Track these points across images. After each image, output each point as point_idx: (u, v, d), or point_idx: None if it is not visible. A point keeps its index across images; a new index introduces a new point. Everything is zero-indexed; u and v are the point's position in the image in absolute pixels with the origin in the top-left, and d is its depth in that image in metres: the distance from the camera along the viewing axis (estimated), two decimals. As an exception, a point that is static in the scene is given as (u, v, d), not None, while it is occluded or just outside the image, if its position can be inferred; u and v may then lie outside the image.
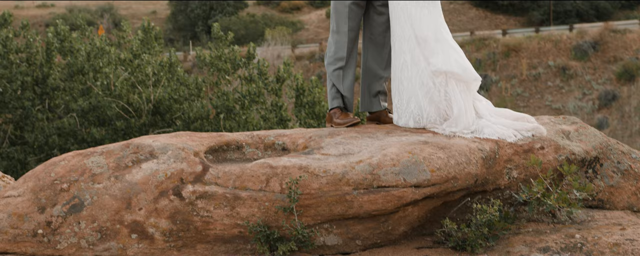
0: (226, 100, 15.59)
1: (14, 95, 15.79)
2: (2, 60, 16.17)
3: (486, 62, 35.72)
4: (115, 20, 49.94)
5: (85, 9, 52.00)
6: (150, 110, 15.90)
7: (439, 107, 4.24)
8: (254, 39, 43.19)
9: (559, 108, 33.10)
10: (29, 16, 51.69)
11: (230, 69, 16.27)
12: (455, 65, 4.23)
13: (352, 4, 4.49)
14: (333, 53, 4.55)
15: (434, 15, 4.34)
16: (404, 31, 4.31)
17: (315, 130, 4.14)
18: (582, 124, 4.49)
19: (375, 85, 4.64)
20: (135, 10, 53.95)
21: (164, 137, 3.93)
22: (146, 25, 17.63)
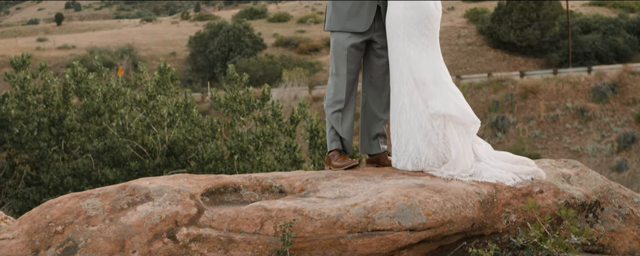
0: (240, 142, 15.62)
1: (31, 136, 15.92)
2: (19, 101, 16.34)
3: (504, 104, 35.66)
4: (134, 61, 50.51)
5: (105, 50, 52.67)
6: (165, 151, 15.96)
7: (438, 150, 4.22)
8: (272, 79, 43.46)
9: (577, 151, 32.88)
10: (50, 57, 52.43)
11: (245, 110, 16.32)
12: (453, 108, 4.22)
13: (351, 47, 4.51)
14: (332, 95, 4.56)
15: (432, 58, 4.35)
16: (403, 74, 4.32)
17: (313, 173, 4.13)
18: (583, 168, 4.45)
19: (374, 128, 4.64)
20: (155, 51, 54.55)
21: (161, 179, 3.93)
22: (162, 66, 17.79)
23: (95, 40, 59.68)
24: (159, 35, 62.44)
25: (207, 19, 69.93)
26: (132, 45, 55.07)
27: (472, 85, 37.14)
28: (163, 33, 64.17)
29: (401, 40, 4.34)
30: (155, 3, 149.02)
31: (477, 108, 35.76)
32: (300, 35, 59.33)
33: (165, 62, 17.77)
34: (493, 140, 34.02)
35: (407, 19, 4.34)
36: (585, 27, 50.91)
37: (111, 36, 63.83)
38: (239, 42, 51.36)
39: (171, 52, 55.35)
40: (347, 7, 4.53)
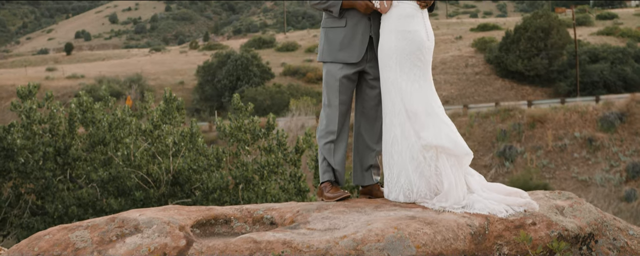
0: (245, 171, 15.60)
1: (36, 166, 15.94)
2: (25, 131, 16.39)
3: (511, 133, 35.58)
4: (143, 90, 50.77)
5: (114, 79, 52.93)
6: (170, 181, 15.95)
7: (430, 182, 4.20)
8: (280, 109, 43.53)
9: (586, 180, 32.70)
10: (59, 86, 52.72)
11: (250, 140, 16.32)
12: (445, 139, 4.20)
13: (343, 78, 4.52)
14: (324, 126, 4.56)
15: (424, 89, 4.35)
16: (395, 105, 4.31)
17: (304, 204, 4.11)
18: (577, 199, 4.41)
19: (367, 159, 4.62)
20: (163, 80, 54.77)
21: (151, 211, 3.91)
22: (168, 95, 17.85)
23: (104, 70, 60.02)
24: (167, 65, 62.75)
25: (215, 48, 70.30)
26: (141, 74, 55.33)
27: (479, 115, 37.09)
28: (171, 62, 64.50)
29: (393, 71, 4.34)
30: (165, 33, 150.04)
31: (485, 138, 35.69)
32: (308, 65, 59.53)
33: (170, 91, 17.81)
34: (501, 170, 33.89)
35: (399, 50, 4.34)
36: (593, 56, 50.91)
37: (120, 65, 64.19)
38: (247, 71, 51.54)
39: (179, 81, 55.57)
40: (340, 38, 4.54)
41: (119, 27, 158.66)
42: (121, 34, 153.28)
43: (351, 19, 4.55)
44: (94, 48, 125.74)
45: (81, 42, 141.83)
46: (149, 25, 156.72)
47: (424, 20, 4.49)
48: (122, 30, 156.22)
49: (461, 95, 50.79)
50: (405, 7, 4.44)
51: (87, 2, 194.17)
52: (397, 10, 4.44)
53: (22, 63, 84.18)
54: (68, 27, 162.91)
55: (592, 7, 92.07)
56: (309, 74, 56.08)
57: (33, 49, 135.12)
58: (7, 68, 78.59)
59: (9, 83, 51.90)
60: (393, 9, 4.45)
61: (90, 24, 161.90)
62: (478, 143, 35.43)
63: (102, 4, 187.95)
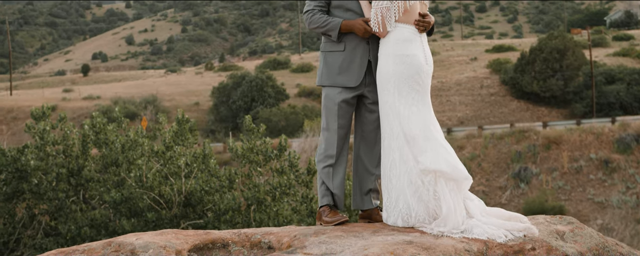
0: (257, 192, 15.60)
1: (49, 187, 16.00)
2: (39, 152, 16.47)
3: (526, 155, 35.40)
4: (158, 111, 50.97)
5: (130, 100, 53.20)
6: (182, 202, 15.97)
7: (428, 206, 4.18)
8: (294, 130, 43.57)
9: (602, 202, 32.44)
10: (75, 107, 53.08)
11: (262, 161, 16.32)
12: (444, 163, 4.18)
13: (341, 102, 4.53)
14: (323, 150, 4.56)
15: (423, 113, 4.34)
16: (393, 129, 4.31)
17: (302, 229, 4.10)
18: (579, 224, 4.37)
19: (366, 183, 4.62)
20: (179, 101, 54.99)
21: (149, 235, 3.91)
22: (180, 117, 17.90)
23: (120, 91, 60.38)
24: (182, 86, 63.04)
25: (230, 69, 70.60)
26: (156, 95, 55.60)
27: (494, 136, 36.96)
28: (187, 83, 64.80)
29: (391, 95, 4.35)
30: (181, 54, 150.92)
31: (500, 159, 35.53)
32: (323, 86, 59.53)
33: (182, 113, 17.87)
34: (516, 191, 33.71)
35: (397, 74, 4.35)
36: (609, 77, 50.70)
37: (136, 86, 64.55)
38: (262, 93, 51.66)
39: (195, 102, 55.78)
40: (338, 62, 4.55)
41: (136, 49, 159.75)
42: (137, 55, 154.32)
43: (350, 43, 4.57)
44: (110, 69, 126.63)
45: (98, 63, 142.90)
46: (165, 46, 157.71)
47: (423, 44, 4.50)
48: (138, 51, 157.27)
49: (476, 116, 50.66)
50: (403, 31, 4.45)
51: (104, 23, 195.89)
52: (395, 34, 4.45)
53: (39, 84, 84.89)
54: (85, 49, 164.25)
55: (608, 28, 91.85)
56: (324, 95, 56.07)
57: (50, 70, 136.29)
58: (24, 89, 79.26)
59: (26, 104, 52.26)
60: (391, 33, 4.47)
61: (107, 46, 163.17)
62: (493, 164, 35.27)
63: (119, 25, 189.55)
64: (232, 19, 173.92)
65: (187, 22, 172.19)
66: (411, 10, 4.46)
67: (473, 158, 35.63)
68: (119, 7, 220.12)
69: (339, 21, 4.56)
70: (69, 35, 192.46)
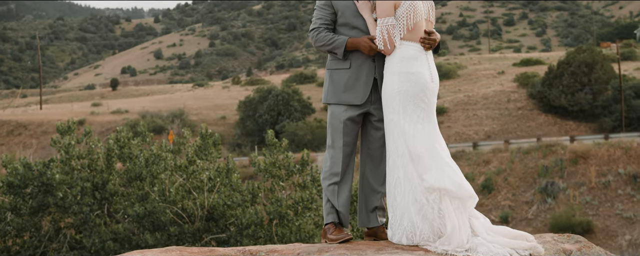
0: (279, 207, 15.62)
1: (74, 201, 16.15)
2: (64, 166, 16.64)
3: (553, 169, 35.09)
4: (185, 125, 51.25)
5: (157, 114, 53.58)
6: (204, 216, 16.03)
7: (433, 224, 4.17)
8: (320, 143, 43.58)
9: (630, 218, 32.04)
10: (103, 121, 53.56)
11: (285, 176, 16.35)
12: (448, 182, 4.17)
13: (347, 120, 4.54)
14: (329, 168, 4.57)
15: (428, 131, 4.34)
16: (397, 147, 4.31)
17: (306, 246, 4.10)
18: (586, 243, 4.33)
19: (372, 201, 4.61)
20: (206, 115, 55.31)
21: (153, 253, 3.93)
22: (203, 132, 18.00)
23: (148, 105, 60.85)
24: (209, 100, 63.41)
25: (257, 83, 70.90)
26: (183, 109, 55.95)
27: (520, 150, 36.70)
28: (214, 97, 65.17)
29: (396, 113, 4.35)
30: (208, 68, 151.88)
31: (526, 174, 35.26)
32: (349, 100, 59.60)
33: (206, 127, 17.96)
34: (542, 206, 33.40)
35: (402, 92, 4.35)
36: (638, 91, 50.17)
37: (163, 101, 65.04)
38: (288, 107, 51.78)
39: (221, 116, 56.06)
40: (344, 79, 4.57)
41: (164, 63, 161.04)
42: (166, 69, 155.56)
43: (355, 61, 4.59)
44: (139, 83, 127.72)
45: (127, 77, 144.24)
46: (193, 60, 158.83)
47: (428, 62, 4.50)
48: (166, 65, 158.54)
49: (503, 130, 50.34)
50: (408, 49, 4.45)
51: (133, 38, 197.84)
52: (400, 51, 4.46)
53: (69, 98, 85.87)
54: (114, 63, 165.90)
55: (638, 42, 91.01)
56: (350, 109, 56.09)
57: (80, 84, 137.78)
58: (54, 103, 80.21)
59: (56, 118, 52.83)
60: (396, 50, 4.47)
61: (136, 60, 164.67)
62: (519, 179, 35.01)
63: (148, 40, 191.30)
64: (259, 33, 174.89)
65: (215, 36, 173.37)
66: (416, 27, 4.46)
67: (499, 173, 35.40)
68: (147, 22, 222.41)
69: (344, 39, 4.58)
70: (99, 50, 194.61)
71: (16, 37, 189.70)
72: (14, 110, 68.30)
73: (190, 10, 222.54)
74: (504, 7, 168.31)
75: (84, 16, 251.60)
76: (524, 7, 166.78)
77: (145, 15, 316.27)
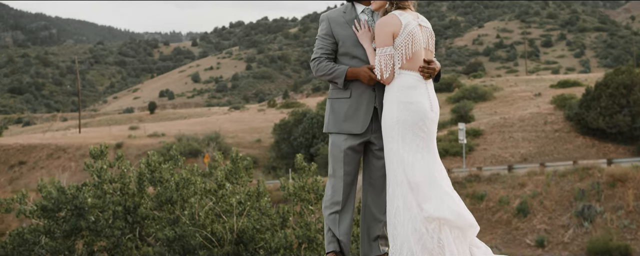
0: (308, 231, 15.65)
1: (106, 224, 16.34)
2: (96, 190, 16.86)
3: (590, 192, 34.60)
4: (221, 148, 51.54)
5: (193, 137, 54.01)
6: (234, 240, 16.10)
7: (432, 254, 4.17)
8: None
9: (669, 242, 31.45)
10: (140, 145, 54.12)
11: (314, 199, 16.38)
12: (448, 211, 4.18)
13: (347, 149, 4.57)
14: (330, 197, 4.60)
15: (427, 160, 4.35)
16: (397, 176, 4.33)
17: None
18: (589, 273, 4.28)
19: (374, 229, 4.63)
20: (241, 138, 55.63)
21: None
22: (234, 156, 18.11)
23: (184, 128, 61.40)
24: (245, 123, 63.81)
25: (292, 106, 71.19)
26: (219, 132, 56.35)
27: (556, 173, 36.29)
28: (250, 120, 65.57)
29: (395, 142, 4.37)
30: (245, 91, 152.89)
31: (562, 197, 34.82)
32: (384, 122, 59.59)
33: (237, 151, 18.08)
34: (579, 230, 32.93)
35: (400, 122, 4.38)
36: (678, 113, 49.47)
37: (200, 124, 65.59)
38: (322, 129, 51.87)
39: (256, 139, 56.34)
40: (344, 108, 4.61)
41: (201, 86, 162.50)
42: (203, 92, 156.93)
43: (356, 90, 4.63)
44: (176, 106, 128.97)
45: (165, 100, 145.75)
46: (230, 83, 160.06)
47: (428, 91, 4.52)
48: (204, 88, 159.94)
49: (540, 152, 49.85)
50: (407, 78, 4.48)
51: (171, 62, 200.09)
52: (398, 81, 4.49)
53: (107, 121, 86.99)
54: (153, 86, 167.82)
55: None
56: (385, 132, 56.08)
57: (119, 107, 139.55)
58: (93, 127, 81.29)
59: (94, 141, 53.55)
60: (395, 80, 4.50)
61: (174, 83, 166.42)
62: (555, 202, 34.58)
63: (186, 63, 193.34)
64: (295, 56, 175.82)
65: (252, 59, 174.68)
66: (415, 57, 4.49)
67: (535, 196, 35.02)
68: (185, 45, 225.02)
69: (344, 68, 4.62)
70: (138, 74, 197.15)
71: (57, 62, 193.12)
72: (54, 133, 69.39)
73: (228, 33, 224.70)
74: (542, 28, 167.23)
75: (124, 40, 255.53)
76: (562, 28, 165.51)
77: (183, 39, 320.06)
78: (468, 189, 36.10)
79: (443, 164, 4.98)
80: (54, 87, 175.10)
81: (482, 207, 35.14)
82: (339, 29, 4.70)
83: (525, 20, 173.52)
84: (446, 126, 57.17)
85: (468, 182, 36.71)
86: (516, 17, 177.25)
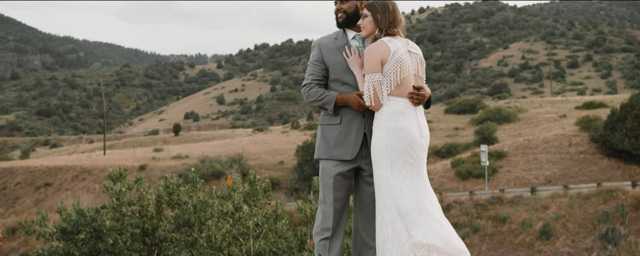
0: (324, 254, 15.58)
1: (124, 246, 16.43)
2: (115, 212, 16.98)
3: (614, 215, 34.20)
4: (243, 170, 51.65)
5: (216, 159, 54.18)
6: (250, 263, 16.09)
7: (421, 280, 4.16)
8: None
9: (696, 265, 30.95)
10: (164, 167, 54.38)
11: (331, 222, 16.34)
12: (436, 238, 4.17)
13: (337, 175, 4.58)
14: (320, 223, 4.61)
15: (416, 186, 4.35)
16: (386, 202, 4.34)
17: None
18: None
19: (365, 256, 4.63)
20: (264, 160, 55.71)
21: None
22: (252, 178, 18.12)
23: (208, 150, 61.64)
24: (269, 145, 63.93)
25: (315, 128, 71.23)
26: (242, 154, 56.50)
27: (580, 195, 35.93)
28: (273, 142, 65.69)
29: (384, 168, 4.38)
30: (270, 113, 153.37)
31: (586, 220, 34.45)
32: (407, 144, 59.46)
33: (255, 174, 18.11)
34: (603, 253, 32.51)
35: (389, 148, 4.39)
36: None
37: (223, 146, 65.82)
38: (317, 155, 51.84)
39: (279, 161, 56.41)
40: (335, 135, 4.63)
41: (226, 108, 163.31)
42: (228, 114, 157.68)
43: (346, 116, 4.65)
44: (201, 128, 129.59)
45: (190, 122, 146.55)
46: (255, 105, 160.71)
47: (418, 117, 4.52)
48: (229, 110, 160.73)
49: (564, 174, 49.43)
50: (395, 105, 4.49)
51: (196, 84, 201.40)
52: (387, 107, 4.50)
53: (133, 143, 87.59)
54: (178, 108, 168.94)
55: None
56: (408, 154, 55.95)
57: (145, 129, 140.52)
58: (118, 149, 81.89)
59: (118, 163, 53.90)
60: (384, 106, 4.52)
61: (199, 105, 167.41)
62: (578, 225, 34.21)
63: (211, 85, 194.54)
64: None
65: (276, 81, 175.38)
66: (404, 83, 4.51)
67: (558, 218, 34.68)
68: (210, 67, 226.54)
69: (334, 95, 4.65)
70: (163, 96, 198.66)
71: (84, 84, 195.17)
72: (79, 155, 70.00)
73: (252, 55, 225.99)
74: (568, 49, 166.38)
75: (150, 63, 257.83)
76: (588, 49, 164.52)
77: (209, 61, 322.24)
78: (490, 211, 35.86)
79: (467, 185, 4.93)
80: (81, 109, 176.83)
81: (504, 230, 34.85)
82: (330, 55, 4.73)
83: (550, 41, 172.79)
84: (469, 148, 56.93)
85: (490, 204, 36.46)
86: (541, 38, 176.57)
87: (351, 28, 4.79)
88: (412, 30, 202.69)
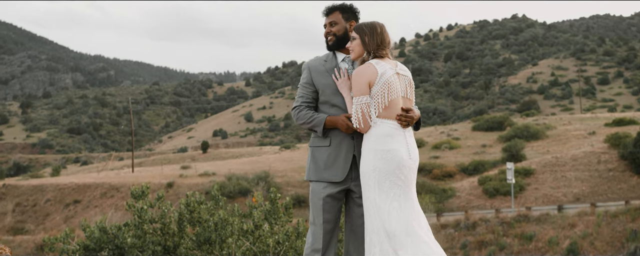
0: (344, 272, 15.57)
1: (145, 264, 16.53)
2: (136, 230, 17.11)
3: (643, 233, 33.77)
4: (269, 187, 51.71)
5: (243, 177, 54.36)
6: (270, 280, 16.14)
7: (409, 301, 4.17)
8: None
9: None
10: (191, 184, 54.69)
11: (350, 240, 16.35)
12: (423, 260, 4.19)
13: (327, 197, 4.62)
14: (310, 244, 4.65)
15: (404, 208, 4.38)
16: (374, 224, 4.37)
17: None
18: None
19: (355, 277, 4.65)
20: (290, 177, 55.79)
21: None
22: (273, 196, 18.17)
23: (235, 167, 61.88)
24: (295, 162, 64.04)
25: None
26: (268, 171, 56.64)
27: (608, 213, 35.53)
28: (299, 159, 65.79)
29: (372, 190, 4.41)
30: (297, 130, 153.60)
31: (614, 238, 34.05)
32: (434, 161, 59.31)
33: (276, 192, 18.19)
34: (632, 272, 32.08)
35: (377, 170, 4.42)
36: None
37: (250, 163, 66.04)
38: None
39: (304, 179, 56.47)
40: (324, 157, 4.68)
41: (254, 125, 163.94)
42: (256, 131, 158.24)
43: (335, 138, 4.69)
44: (229, 145, 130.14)
45: (218, 140, 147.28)
46: (283, 123, 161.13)
47: (406, 139, 4.55)
48: (257, 128, 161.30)
49: (593, 192, 48.90)
50: (383, 127, 4.52)
51: (225, 101, 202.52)
52: (375, 129, 4.53)
53: (161, 161, 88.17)
54: (206, 126, 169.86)
55: None
56: (435, 171, 55.79)
57: (174, 147, 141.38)
58: (147, 166, 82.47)
59: (146, 180, 54.27)
60: (372, 128, 4.55)
61: (227, 123, 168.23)
62: (606, 243, 33.82)
63: (239, 103, 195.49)
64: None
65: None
66: (392, 105, 4.54)
67: (585, 237, 34.31)
68: (239, 85, 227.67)
69: (323, 117, 4.70)
70: (192, 113, 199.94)
71: (114, 102, 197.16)
72: (108, 172, 70.58)
73: (281, 73, 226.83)
74: (598, 65, 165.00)
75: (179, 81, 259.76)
76: (619, 66, 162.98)
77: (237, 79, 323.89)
78: (516, 229, 35.58)
79: (494, 203, 4.91)
80: (111, 127, 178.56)
81: (531, 248, 34.54)
82: (319, 77, 4.79)
83: (580, 57, 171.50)
84: (497, 165, 56.56)
85: (516, 222, 36.17)
86: (571, 54, 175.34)
87: (341, 50, 4.85)
88: (441, 47, 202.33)
